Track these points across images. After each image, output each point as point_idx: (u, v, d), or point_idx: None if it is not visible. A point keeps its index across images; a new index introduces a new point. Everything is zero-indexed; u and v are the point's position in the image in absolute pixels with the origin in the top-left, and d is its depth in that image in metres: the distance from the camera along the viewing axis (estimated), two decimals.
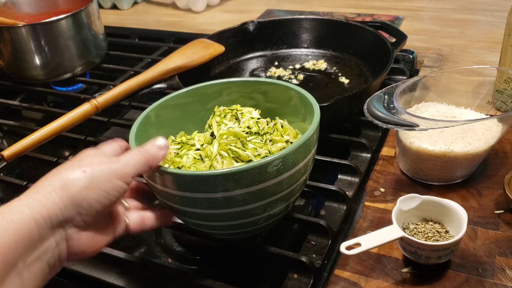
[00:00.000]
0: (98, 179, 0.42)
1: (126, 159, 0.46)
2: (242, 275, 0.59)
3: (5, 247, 0.36)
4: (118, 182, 0.44)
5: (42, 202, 0.39)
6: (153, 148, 0.48)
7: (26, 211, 0.38)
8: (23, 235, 0.37)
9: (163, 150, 0.49)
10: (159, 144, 0.49)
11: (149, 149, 0.48)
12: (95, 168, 0.43)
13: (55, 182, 0.41)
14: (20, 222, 0.38)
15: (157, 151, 0.48)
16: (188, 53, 0.90)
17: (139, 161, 0.47)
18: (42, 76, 1.00)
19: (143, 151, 0.48)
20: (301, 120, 0.61)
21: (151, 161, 0.48)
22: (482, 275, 0.53)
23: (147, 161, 0.47)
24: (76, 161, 0.44)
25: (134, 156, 0.47)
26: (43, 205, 0.39)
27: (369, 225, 0.61)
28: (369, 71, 0.92)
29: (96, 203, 0.42)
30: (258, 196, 0.49)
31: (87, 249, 0.44)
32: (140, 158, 0.47)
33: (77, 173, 0.42)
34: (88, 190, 0.42)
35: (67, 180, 0.41)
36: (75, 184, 0.41)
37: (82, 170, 0.42)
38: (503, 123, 0.64)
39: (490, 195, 0.63)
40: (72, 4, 1.07)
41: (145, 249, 0.64)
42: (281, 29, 1.03)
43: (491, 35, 1.07)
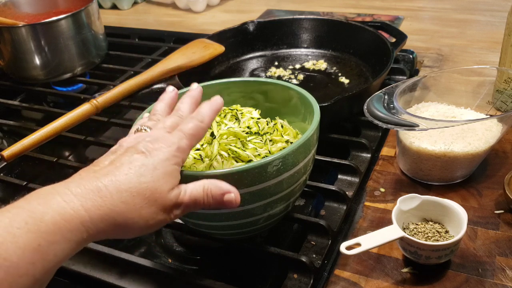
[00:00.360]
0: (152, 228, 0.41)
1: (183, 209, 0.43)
2: (242, 275, 0.59)
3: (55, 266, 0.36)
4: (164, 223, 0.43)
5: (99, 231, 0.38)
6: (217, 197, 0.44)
7: (85, 236, 0.38)
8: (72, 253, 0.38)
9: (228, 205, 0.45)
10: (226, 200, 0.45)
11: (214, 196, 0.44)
12: (157, 221, 0.41)
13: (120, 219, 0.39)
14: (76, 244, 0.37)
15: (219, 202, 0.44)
16: (188, 53, 0.90)
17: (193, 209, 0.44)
18: (42, 76, 1.00)
19: (205, 201, 0.44)
20: (301, 120, 0.61)
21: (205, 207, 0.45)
22: (482, 275, 0.53)
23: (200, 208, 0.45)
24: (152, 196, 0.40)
25: (192, 208, 0.44)
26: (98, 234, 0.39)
27: (369, 225, 0.61)
28: (369, 71, 0.92)
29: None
30: (258, 196, 0.49)
31: None
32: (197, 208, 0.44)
33: (141, 222, 0.40)
34: (136, 235, 0.41)
35: (129, 225, 0.40)
36: (134, 230, 0.40)
37: (146, 221, 0.40)
38: (503, 123, 0.64)
39: (490, 195, 0.63)
40: (72, 4, 1.07)
41: (145, 249, 0.64)
42: (281, 29, 1.03)
43: (491, 35, 1.07)
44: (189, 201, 0.43)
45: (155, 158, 0.42)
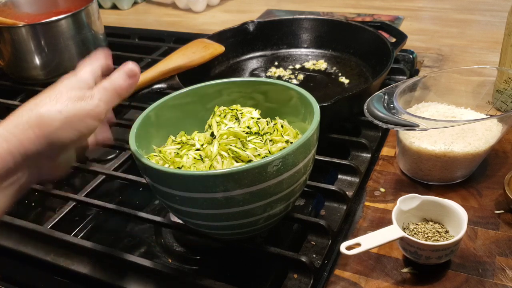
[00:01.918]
0: (72, 120, 0.45)
1: (98, 97, 0.47)
2: (242, 275, 0.59)
3: None
4: (90, 121, 0.46)
5: (19, 137, 0.43)
6: (120, 79, 0.49)
7: (4, 145, 0.42)
8: (1, 167, 0.42)
9: (132, 78, 0.50)
10: (128, 71, 0.50)
11: (117, 80, 0.49)
12: (70, 109, 0.45)
13: (32, 119, 0.43)
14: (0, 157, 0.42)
15: (125, 80, 0.49)
16: (188, 53, 0.90)
17: (110, 97, 0.48)
18: (42, 76, 1.00)
19: (112, 84, 0.49)
20: (301, 120, 0.61)
21: (121, 92, 0.49)
22: (482, 275, 0.53)
23: (118, 94, 0.49)
24: (54, 96, 0.46)
25: (104, 93, 0.48)
26: (20, 140, 0.43)
27: (369, 225, 0.61)
28: (369, 71, 0.92)
29: (68, 140, 0.45)
30: (258, 196, 0.49)
31: (57, 172, 0.49)
32: (111, 94, 0.48)
33: (53, 113, 0.44)
34: (62, 130, 0.44)
35: (43, 119, 0.44)
36: (51, 124, 0.44)
37: (58, 111, 0.44)
38: (503, 123, 0.64)
39: (490, 195, 0.63)
40: (72, 4, 1.07)
41: (145, 249, 0.64)
42: (281, 29, 1.03)
43: (491, 35, 1.07)
44: (98, 89, 0.48)
45: (57, 83, 0.48)
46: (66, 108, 0.45)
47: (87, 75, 0.50)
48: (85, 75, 0.50)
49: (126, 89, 0.50)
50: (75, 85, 0.48)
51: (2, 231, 0.65)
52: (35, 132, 0.43)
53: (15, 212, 0.73)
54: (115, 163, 0.75)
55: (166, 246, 0.64)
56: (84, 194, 0.69)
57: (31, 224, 0.64)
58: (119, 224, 0.69)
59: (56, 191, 0.71)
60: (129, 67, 0.50)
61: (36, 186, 0.72)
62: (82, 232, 0.69)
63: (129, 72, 0.50)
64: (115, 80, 0.49)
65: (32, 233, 0.63)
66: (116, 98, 0.49)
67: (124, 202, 0.74)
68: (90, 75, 0.50)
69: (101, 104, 0.47)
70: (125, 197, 0.76)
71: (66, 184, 0.80)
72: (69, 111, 0.45)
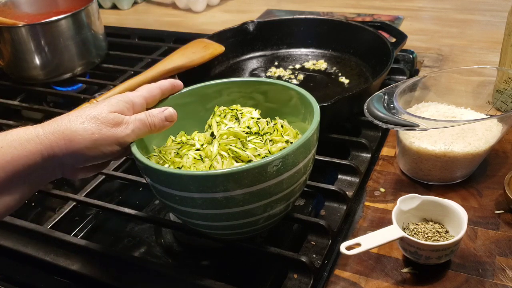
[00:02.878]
0: (101, 144, 0.50)
1: (132, 128, 0.52)
2: (242, 275, 0.59)
3: (15, 169, 0.47)
4: (117, 147, 0.51)
5: (52, 143, 0.48)
6: (158, 118, 0.54)
7: (39, 146, 0.48)
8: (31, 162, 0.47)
9: (169, 123, 0.55)
10: (168, 115, 0.55)
11: (155, 119, 0.53)
12: (102, 134, 0.49)
13: (67, 132, 0.49)
14: (32, 153, 0.47)
15: (161, 122, 0.54)
16: (188, 53, 0.90)
17: (143, 131, 0.53)
18: (42, 76, 1.00)
19: (149, 120, 0.53)
20: (301, 120, 0.61)
21: (153, 130, 0.54)
22: (482, 275, 0.53)
23: (150, 130, 0.54)
24: (94, 114, 0.50)
25: (139, 125, 0.52)
26: (52, 146, 0.48)
27: (369, 225, 0.61)
28: (369, 71, 0.92)
29: (92, 158, 0.50)
30: (258, 196, 0.49)
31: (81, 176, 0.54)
32: (144, 128, 0.53)
33: (86, 134, 0.49)
34: (89, 149, 0.49)
35: (76, 136, 0.49)
36: (81, 143, 0.49)
37: (91, 132, 0.49)
38: (503, 123, 0.64)
39: (490, 195, 0.63)
40: (72, 4, 1.07)
41: (145, 249, 0.64)
42: (281, 29, 1.03)
43: (491, 35, 1.07)
44: (135, 120, 0.52)
45: (103, 100, 0.53)
46: (99, 132, 0.49)
47: (138, 100, 0.55)
48: (136, 99, 0.55)
49: (159, 129, 0.54)
50: (117, 107, 0.52)
51: (2, 231, 0.65)
52: (66, 144, 0.48)
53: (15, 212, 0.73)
54: (115, 163, 0.75)
55: (166, 246, 0.64)
56: (84, 194, 0.69)
57: (31, 224, 0.64)
58: (119, 224, 0.69)
59: (56, 191, 0.71)
60: (170, 112, 0.55)
61: None
62: (82, 232, 0.69)
63: (169, 117, 0.55)
64: (153, 118, 0.54)
65: (32, 233, 0.63)
66: (147, 132, 0.54)
67: (124, 202, 0.74)
68: (141, 101, 0.55)
69: (131, 135, 0.52)
70: (125, 197, 0.76)
71: (66, 184, 0.80)
72: (101, 136, 0.49)
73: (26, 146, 0.47)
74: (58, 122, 0.49)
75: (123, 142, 0.51)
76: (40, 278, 0.59)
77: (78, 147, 0.49)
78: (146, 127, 0.53)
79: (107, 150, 0.50)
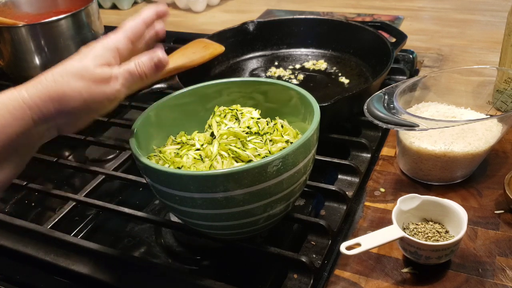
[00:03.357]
0: (91, 102, 0.47)
1: (121, 82, 0.49)
2: (242, 275, 0.59)
3: (7, 137, 0.44)
4: (108, 104, 0.49)
5: (41, 109, 0.46)
6: (148, 67, 0.50)
7: (28, 112, 0.45)
8: (22, 129, 0.45)
9: (159, 68, 0.51)
10: (157, 61, 0.51)
11: (144, 67, 0.50)
12: (91, 92, 0.47)
13: (54, 94, 0.46)
14: (22, 119, 0.45)
15: (151, 69, 0.50)
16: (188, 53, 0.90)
17: (133, 83, 0.50)
18: None
19: (140, 72, 0.50)
20: (301, 120, 0.61)
21: (145, 80, 0.51)
22: (482, 275, 0.53)
23: (142, 81, 0.50)
24: (79, 70, 0.47)
25: (129, 77, 0.49)
26: (41, 111, 0.46)
27: (369, 225, 0.61)
28: (369, 71, 0.92)
29: (84, 115, 0.49)
30: (258, 196, 0.49)
31: (75, 129, 0.51)
32: (134, 79, 0.50)
33: (75, 94, 0.46)
34: (80, 109, 0.47)
35: (64, 97, 0.46)
36: (70, 104, 0.46)
37: (79, 92, 0.46)
38: (503, 123, 0.64)
39: (490, 195, 0.63)
40: (72, 4, 1.07)
41: (145, 249, 0.64)
42: (281, 29, 1.03)
43: (491, 35, 1.07)
44: (124, 72, 0.49)
45: (86, 50, 0.49)
46: (88, 90, 0.47)
47: (123, 44, 0.50)
48: (120, 44, 0.50)
49: (151, 78, 0.51)
50: (102, 59, 0.48)
51: (2, 231, 0.65)
52: (55, 106, 0.46)
53: (15, 212, 0.74)
54: (115, 163, 0.75)
55: (166, 246, 0.64)
56: (84, 194, 0.69)
57: (31, 224, 0.64)
58: (119, 224, 0.69)
59: (56, 191, 0.71)
60: (159, 56, 0.51)
61: (36, 186, 0.72)
62: (82, 232, 0.69)
63: (158, 63, 0.51)
64: (142, 66, 0.50)
65: (32, 233, 0.63)
66: (139, 84, 0.50)
67: (124, 202, 0.74)
68: (126, 44, 0.51)
69: (122, 90, 0.49)
70: (125, 197, 0.76)
71: (66, 184, 0.80)
72: (90, 94, 0.47)
73: (14, 113, 0.45)
74: (43, 83, 0.47)
75: (114, 98, 0.49)
76: (40, 278, 0.59)
77: (68, 108, 0.47)
78: (136, 78, 0.50)
79: (98, 107, 0.48)
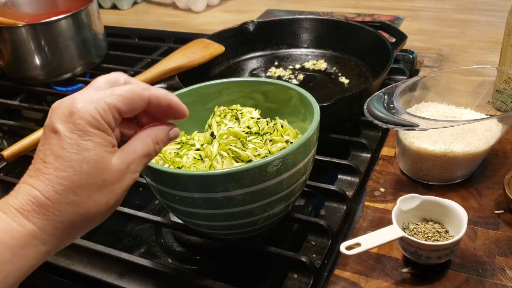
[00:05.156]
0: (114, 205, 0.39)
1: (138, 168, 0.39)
2: (242, 275, 0.59)
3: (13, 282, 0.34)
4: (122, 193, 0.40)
5: (58, 244, 0.36)
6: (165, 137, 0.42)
7: (43, 248, 0.35)
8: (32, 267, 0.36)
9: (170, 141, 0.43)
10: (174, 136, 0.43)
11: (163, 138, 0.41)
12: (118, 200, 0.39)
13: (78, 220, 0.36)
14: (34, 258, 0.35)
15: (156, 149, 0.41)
16: (188, 53, 0.90)
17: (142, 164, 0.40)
18: (42, 76, 1.00)
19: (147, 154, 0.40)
20: (301, 120, 0.61)
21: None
22: (482, 275, 0.53)
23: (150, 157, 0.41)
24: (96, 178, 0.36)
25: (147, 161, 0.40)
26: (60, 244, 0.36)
27: (369, 225, 0.61)
28: (369, 71, 0.92)
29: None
30: (258, 196, 0.49)
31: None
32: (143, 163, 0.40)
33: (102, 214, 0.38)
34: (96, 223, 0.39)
35: (90, 220, 0.37)
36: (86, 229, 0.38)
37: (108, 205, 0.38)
38: (503, 123, 0.64)
39: (490, 195, 0.63)
40: (72, 4, 1.07)
41: (145, 249, 0.64)
42: (281, 29, 1.03)
43: (491, 35, 1.07)
44: (142, 157, 0.39)
45: (74, 133, 0.35)
46: (115, 199, 0.38)
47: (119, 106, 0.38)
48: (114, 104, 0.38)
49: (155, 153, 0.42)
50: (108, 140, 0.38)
51: None
52: (81, 232, 0.37)
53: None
54: None
55: (166, 246, 0.64)
56: None
57: None
58: (119, 224, 0.69)
59: None
60: (177, 132, 0.43)
61: None
62: None
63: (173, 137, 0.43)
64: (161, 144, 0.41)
65: None
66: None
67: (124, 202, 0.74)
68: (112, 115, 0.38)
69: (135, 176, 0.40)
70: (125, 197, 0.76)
71: None
72: (117, 202, 0.39)
73: (22, 254, 0.34)
74: (51, 207, 0.35)
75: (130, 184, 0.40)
76: (40, 278, 0.59)
77: (93, 222, 0.38)
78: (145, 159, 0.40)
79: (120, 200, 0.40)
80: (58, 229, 0.35)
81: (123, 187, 0.38)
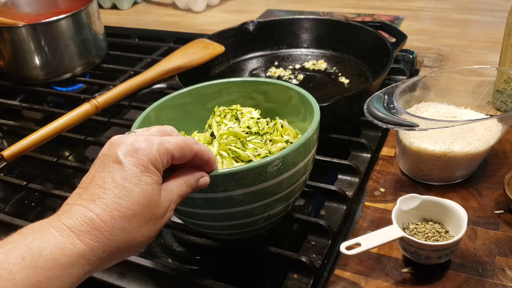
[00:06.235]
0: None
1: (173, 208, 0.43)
2: (242, 275, 0.59)
3: None
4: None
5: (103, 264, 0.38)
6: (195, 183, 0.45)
7: (87, 268, 0.37)
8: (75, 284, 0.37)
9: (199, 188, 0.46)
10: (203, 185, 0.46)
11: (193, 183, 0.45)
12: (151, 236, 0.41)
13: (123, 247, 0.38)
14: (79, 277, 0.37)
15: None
16: (188, 53, 0.90)
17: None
18: (42, 76, 1.00)
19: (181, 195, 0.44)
20: (301, 120, 0.61)
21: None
22: (482, 275, 0.53)
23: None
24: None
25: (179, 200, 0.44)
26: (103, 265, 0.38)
27: (369, 225, 0.61)
28: (369, 71, 0.92)
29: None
30: (258, 196, 0.49)
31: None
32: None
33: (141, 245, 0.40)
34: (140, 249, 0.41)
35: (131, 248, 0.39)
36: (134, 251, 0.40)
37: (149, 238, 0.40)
38: (503, 123, 0.64)
39: (490, 195, 0.63)
40: (72, 4, 1.07)
41: (145, 249, 0.64)
42: (281, 29, 1.03)
43: (491, 35, 1.07)
44: (178, 199, 0.43)
45: (137, 167, 0.39)
46: (155, 232, 0.41)
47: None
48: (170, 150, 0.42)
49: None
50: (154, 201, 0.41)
51: (1, 231, 0.65)
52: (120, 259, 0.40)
53: (15, 212, 0.74)
54: None
55: (166, 246, 0.64)
56: None
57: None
58: None
59: (56, 191, 0.70)
60: (206, 181, 0.46)
61: (36, 186, 0.72)
62: None
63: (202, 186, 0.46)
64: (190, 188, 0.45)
65: None
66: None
67: None
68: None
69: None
70: None
71: (66, 184, 0.80)
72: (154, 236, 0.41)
73: (70, 272, 0.35)
74: (104, 229, 0.37)
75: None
76: None
77: (132, 252, 0.40)
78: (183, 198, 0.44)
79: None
80: (105, 252, 0.37)
81: (163, 222, 0.42)
